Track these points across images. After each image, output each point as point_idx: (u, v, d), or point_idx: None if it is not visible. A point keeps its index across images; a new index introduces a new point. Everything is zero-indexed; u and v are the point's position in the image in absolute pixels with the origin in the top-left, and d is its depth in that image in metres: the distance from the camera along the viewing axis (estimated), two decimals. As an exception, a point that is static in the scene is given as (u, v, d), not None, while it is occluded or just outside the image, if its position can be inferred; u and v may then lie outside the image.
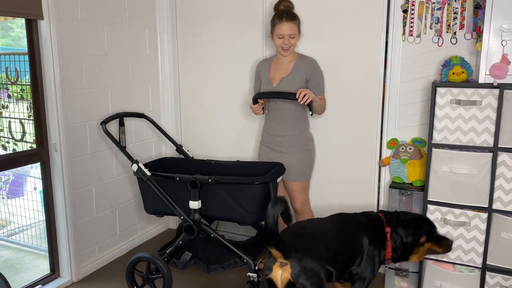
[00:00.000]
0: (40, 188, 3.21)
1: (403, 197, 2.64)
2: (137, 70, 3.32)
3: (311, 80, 2.63)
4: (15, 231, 3.69)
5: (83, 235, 2.96)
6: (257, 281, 2.40)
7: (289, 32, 2.55)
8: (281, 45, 2.59)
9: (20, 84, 3.20)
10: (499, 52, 2.18)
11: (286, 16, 2.55)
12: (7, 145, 3.29)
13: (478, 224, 2.33)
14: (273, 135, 2.74)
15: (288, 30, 2.55)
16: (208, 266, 2.58)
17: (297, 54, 2.71)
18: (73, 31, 2.76)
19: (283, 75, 2.67)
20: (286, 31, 2.55)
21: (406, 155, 2.71)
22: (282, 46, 2.59)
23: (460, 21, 2.54)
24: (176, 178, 2.48)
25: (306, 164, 2.73)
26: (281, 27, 2.55)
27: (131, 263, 2.59)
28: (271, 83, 2.70)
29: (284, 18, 2.55)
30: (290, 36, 2.57)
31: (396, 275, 2.71)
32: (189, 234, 2.49)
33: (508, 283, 2.30)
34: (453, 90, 2.28)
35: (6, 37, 3.57)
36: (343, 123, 2.96)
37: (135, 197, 3.40)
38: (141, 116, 2.98)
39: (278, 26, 2.56)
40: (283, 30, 2.55)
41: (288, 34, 2.56)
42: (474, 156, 2.28)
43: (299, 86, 2.60)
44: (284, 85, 2.64)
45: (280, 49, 2.62)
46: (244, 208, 2.42)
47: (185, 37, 3.47)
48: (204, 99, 3.48)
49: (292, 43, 2.59)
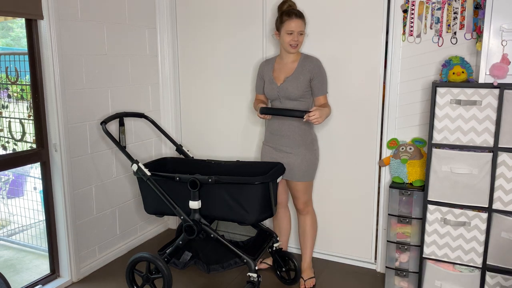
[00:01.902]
0: (40, 188, 3.21)
1: (403, 197, 2.64)
2: (137, 70, 3.32)
3: (314, 79, 2.64)
4: (15, 231, 3.69)
5: (83, 235, 2.96)
6: (257, 281, 2.40)
7: (299, 29, 2.59)
8: (289, 42, 2.61)
9: (20, 84, 3.20)
10: (499, 52, 2.18)
11: (295, 13, 2.59)
12: (7, 145, 3.30)
13: (478, 224, 2.33)
14: (277, 135, 2.73)
15: (298, 27, 2.58)
16: (208, 266, 2.57)
17: (301, 54, 2.72)
18: (73, 31, 2.76)
19: (287, 74, 2.67)
20: (296, 27, 2.58)
21: (406, 155, 2.71)
22: (291, 43, 2.60)
23: (460, 21, 2.54)
24: (176, 178, 2.48)
25: (311, 164, 2.72)
26: (290, 23, 2.58)
27: (131, 263, 2.59)
28: (275, 82, 2.71)
29: (294, 14, 2.59)
30: (299, 33, 2.60)
31: (396, 275, 2.71)
32: (189, 234, 2.49)
33: (508, 283, 2.30)
34: (453, 90, 2.28)
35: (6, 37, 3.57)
36: (343, 123, 2.96)
37: (135, 197, 3.40)
38: (141, 116, 2.98)
39: (287, 23, 2.59)
40: (293, 26, 2.57)
41: (298, 31, 2.59)
42: (474, 156, 2.28)
43: (302, 86, 2.62)
44: (288, 84, 2.64)
45: (288, 46, 2.62)
46: (244, 208, 2.42)
47: (185, 37, 3.47)
48: (204, 99, 3.48)
49: (300, 40, 2.62)
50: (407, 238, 2.64)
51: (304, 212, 2.83)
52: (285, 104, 2.69)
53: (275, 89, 2.69)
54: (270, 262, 3.02)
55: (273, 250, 2.78)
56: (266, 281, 2.88)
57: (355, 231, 3.06)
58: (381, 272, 3.00)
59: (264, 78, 2.80)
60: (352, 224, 3.06)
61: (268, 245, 2.69)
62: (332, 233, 3.15)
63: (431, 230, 2.44)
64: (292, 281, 2.82)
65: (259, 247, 2.61)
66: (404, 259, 2.68)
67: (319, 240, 3.18)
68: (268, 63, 2.82)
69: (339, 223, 3.11)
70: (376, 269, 3.04)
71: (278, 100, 2.71)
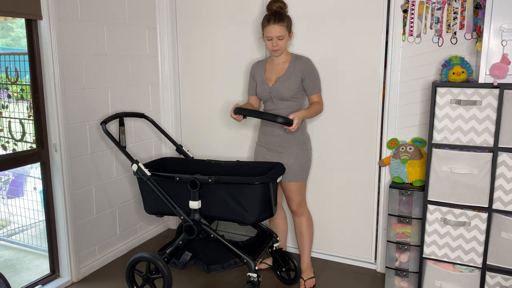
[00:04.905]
0: (40, 188, 3.22)
1: (403, 197, 2.64)
2: (137, 70, 3.32)
3: (306, 79, 2.65)
4: (15, 231, 3.69)
5: (83, 235, 2.96)
6: (257, 281, 2.40)
7: (277, 34, 2.57)
8: (270, 48, 2.63)
9: (20, 84, 3.20)
10: (499, 52, 2.18)
11: (273, 18, 2.57)
12: (7, 145, 3.30)
13: (478, 224, 2.33)
14: (270, 135, 2.74)
15: (276, 32, 2.57)
16: (208, 266, 2.57)
17: (291, 54, 2.72)
18: (73, 31, 2.76)
19: (279, 75, 2.68)
20: (274, 33, 2.57)
21: (406, 155, 2.71)
22: (271, 48, 2.62)
23: (460, 21, 2.54)
24: (176, 178, 2.48)
25: (303, 164, 2.73)
26: (269, 29, 2.58)
27: (131, 263, 2.59)
28: (267, 83, 2.72)
29: (272, 20, 2.57)
30: (278, 38, 2.58)
31: (396, 275, 2.71)
32: (189, 234, 2.49)
33: (508, 283, 2.30)
34: (453, 90, 2.28)
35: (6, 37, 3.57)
36: (343, 123, 2.96)
37: (135, 197, 3.40)
38: (141, 116, 2.98)
39: (266, 29, 2.60)
40: (271, 32, 2.57)
41: (276, 36, 2.58)
42: (474, 156, 2.28)
43: (294, 86, 2.63)
44: (279, 85, 2.65)
45: (270, 51, 2.66)
46: (244, 208, 2.42)
47: (185, 37, 3.47)
48: (204, 99, 3.48)
49: (281, 44, 2.60)
50: (407, 238, 2.64)
51: (298, 214, 2.82)
52: (277, 105, 2.69)
53: (267, 89, 2.70)
54: (270, 262, 3.02)
55: (273, 250, 2.78)
56: (266, 281, 2.88)
57: (355, 231, 3.06)
58: (381, 272, 3.00)
59: (256, 79, 2.81)
60: (352, 224, 3.06)
61: (268, 245, 2.69)
62: (332, 233, 3.15)
63: (431, 230, 2.44)
64: (292, 281, 2.82)
65: (259, 247, 2.61)
66: (404, 259, 2.68)
67: (319, 240, 3.18)
68: (259, 64, 2.83)
69: (339, 223, 3.11)
70: (376, 269, 3.04)
71: (271, 101, 2.72)
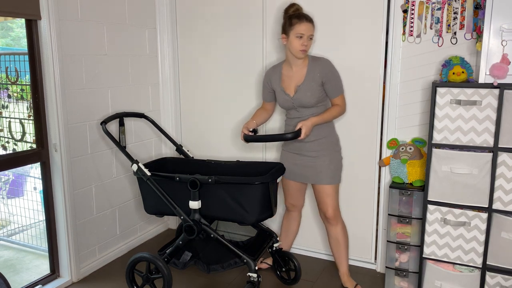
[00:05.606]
0: (40, 188, 3.22)
1: (403, 197, 2.64)
2: (137, 70, 3.32)
3: (326, 83, 2.54)
4: (15, 231, 3.69)
5: (83, 235, 2.96)
6: (257, 281, 2.40)
7: (309, 32, 2.48)
8: (299, 47, 2.48)
9: (20, 84, 3.20)
10: (499, 52, 2.18)
11: (306, 16, 2.49)
12: (7, 145, 3.30)
13: (478, 224, 2.33)
14: (301, 142, 2.61)
15: (308, 30, 2.47)
16: (208, 266, 2.58)
17: (307, 56, 2.61)
18: (73, 31, 2.76)
19: (298, 82, 2.57)
20: (307, 31, 2.47)
21: (406, 155, 2.71)
22: (300, 48, 2.48)
23: (460, 21, 2.54)
24: (176, 178, 2.48)
25: (338, 165, 2.66)
26: (302, 26, 2.46)
27: (131, 263, 2.59)
28: (287, 93, 2.60)
29: (304, 18, 2.48)
30: (309, 37, 2.50)
31: (396, 275, 2.71)
32: (189, 234, 2.49)
33: (508, 283, 2.30)
34: (453, 90, 2.28)
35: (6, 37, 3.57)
36: (343, 123, 2.96)
37: (135, 197, 3.40)
38: (141, 116, 2.98)
39: (297, 26, 2.47)
40: (304, 29, 2.46)
41: (308, 34, 2.48)
42: (474, 156, 2.28)
43: (317, 92, 2.54)
44: (301, 95, 2.54)
45: (297, 51, 2.49)
46: (244, 208, 2.42)
47: (185, 37, 3.47)
48: (204, 99, 3.48)
49: (309, 45, 2.51)
50: (407, 238, 2.64)
51: (334, 222, 2.69)
52: (302, 112, 2.60)
53: (289, 100, 2.60)
54: (270, 262, 3.01)
55: (273, 250, 2.78)
56: (266, 281, 2.88)
57: (355, 231, 3.06)
58: (381, 272, 3.00)
59: (273, 88, 2.69)
60: (352, 224, 3.05)
61: (268, 245, 2.69)
62: (332, 233, 3.15)
63: (431, 230, 2.44)
64: (292, 281, 2.82)
65: (259, 247, 2.61)
66: (404, 259, 2.68)
67: (319, 240, 3.18)
68: (275, 71, 2.70)
69: (339, 223, 3.11)
70: (376, 269, 3.04)
71: (294, 110, 2.63)
